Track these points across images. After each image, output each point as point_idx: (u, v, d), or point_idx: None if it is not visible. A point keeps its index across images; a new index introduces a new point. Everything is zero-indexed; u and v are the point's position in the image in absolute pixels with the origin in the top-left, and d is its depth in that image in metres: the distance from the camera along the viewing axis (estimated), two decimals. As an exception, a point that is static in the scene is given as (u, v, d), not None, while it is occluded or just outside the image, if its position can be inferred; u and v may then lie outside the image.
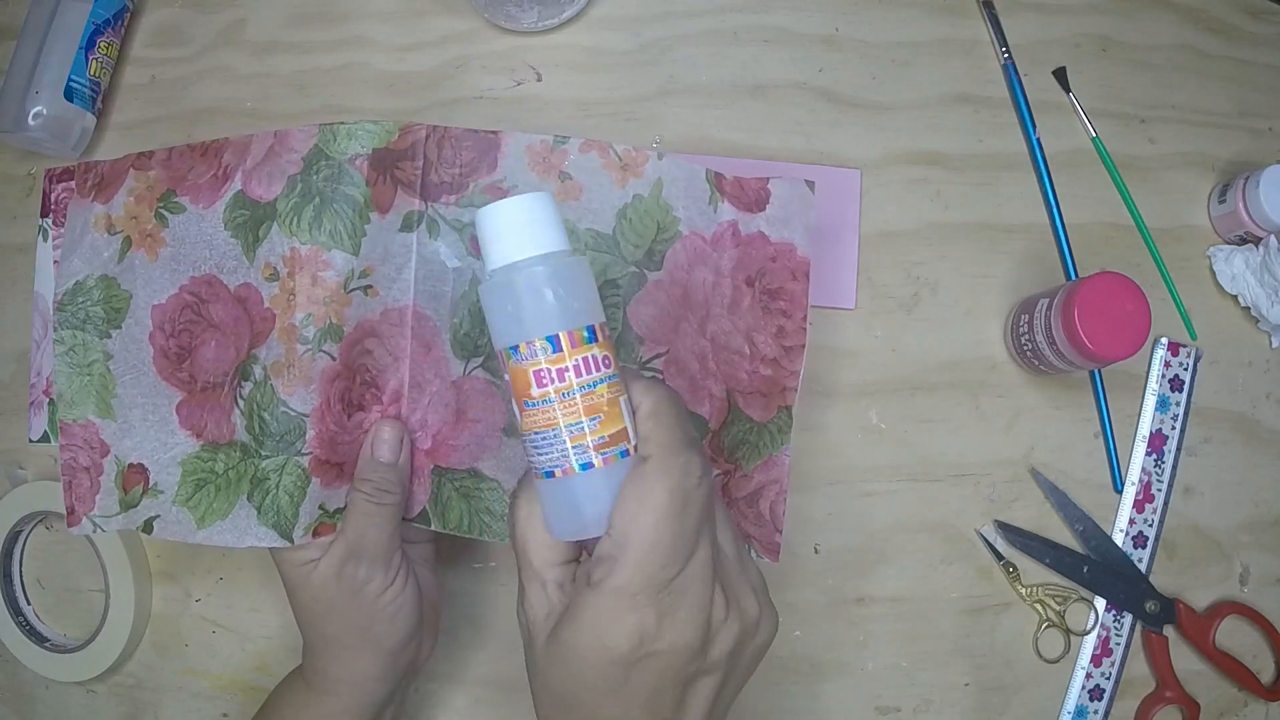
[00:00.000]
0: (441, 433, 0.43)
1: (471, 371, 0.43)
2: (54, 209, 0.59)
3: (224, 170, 0.43)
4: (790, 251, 0.45)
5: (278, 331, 0.41)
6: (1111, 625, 0.54)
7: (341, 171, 0.41)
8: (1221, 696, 0.54)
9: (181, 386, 0.44)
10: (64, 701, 0.55)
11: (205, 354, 0.43)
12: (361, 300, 0.41)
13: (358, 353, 0.42)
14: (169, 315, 0.44)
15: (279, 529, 0.41)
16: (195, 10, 0.62)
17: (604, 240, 0.43)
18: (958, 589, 0.54)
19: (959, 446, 0.55)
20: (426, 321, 0.43)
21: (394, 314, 0.42)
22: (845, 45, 0.60)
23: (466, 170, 0.42)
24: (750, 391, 0.45)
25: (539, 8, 0.57)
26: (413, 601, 0.41)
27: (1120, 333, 0.48)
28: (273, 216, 0.41)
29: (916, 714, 0.53)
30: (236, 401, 0.42)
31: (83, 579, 0.56)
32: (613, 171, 0.43)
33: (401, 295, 0.42)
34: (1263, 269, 0.55)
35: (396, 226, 0.42)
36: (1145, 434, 0.56)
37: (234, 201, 0.42)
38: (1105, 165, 0.59)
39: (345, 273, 0.41)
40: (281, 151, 0.42)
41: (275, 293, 0.41)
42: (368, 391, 0.42)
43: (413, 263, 0.42)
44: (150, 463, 0.44)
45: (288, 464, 0.41)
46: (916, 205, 0.58)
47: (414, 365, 0.43)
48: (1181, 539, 0.56)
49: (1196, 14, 0.61)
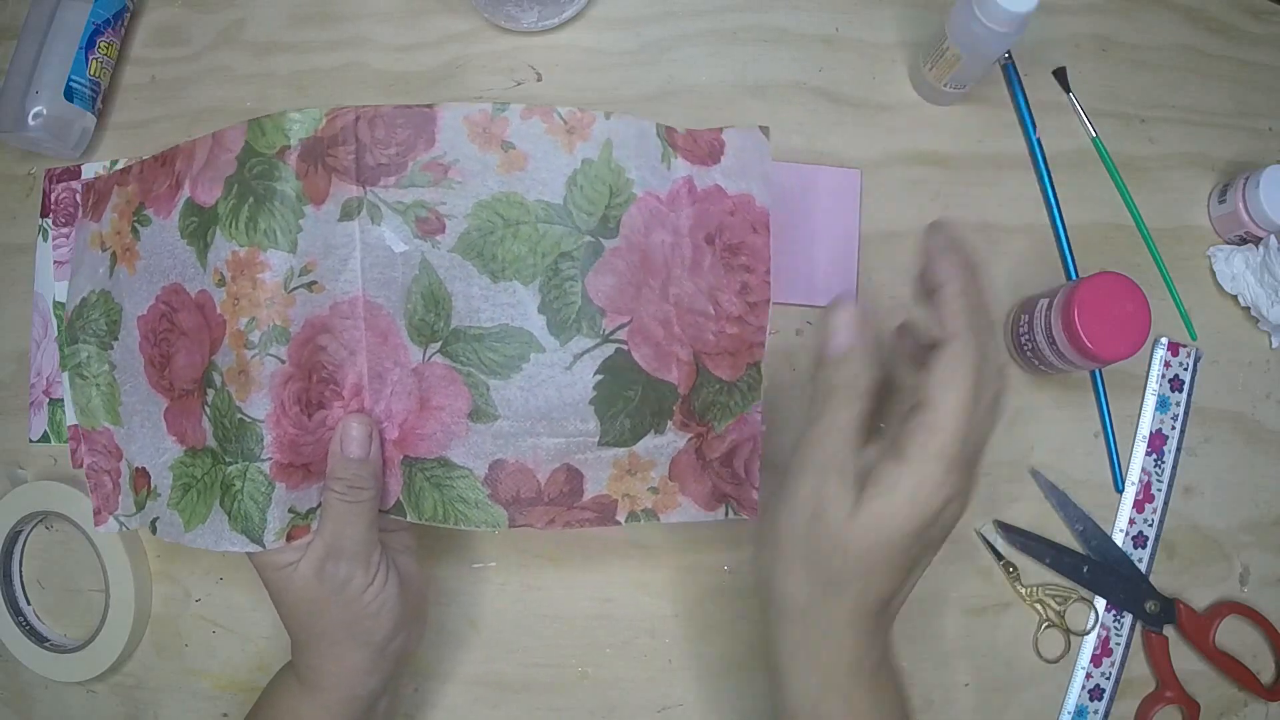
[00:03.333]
0: (408, 422, 0.42)
1: (431, 358, 0.42)
2: (54, 209, 0.59)
3: (176, 178, 0.43)
4: (749, 203, 0.44)
5: (228, 338, 0.40)
6: (1111, 625, 0.54)
7: (272, 167, 0.39)
8: (1221, 696, 0.54)
9: (165, 394, 0.44)
10: (64, 701, 0.55)
11: (179, 361, 0.43)
12: (306, 298, 0.40)
13: (310, 350, 0.41)
14: (150, 325, 0.44)
15: (249, 534, 0.40)
16: (195, 10, 0.62)
17: (555, 211, 0.40)
18: (958, 589, 0.54)
19: (959, 446, 0.55)
20: (379, 310, 0.41)
21: (344, 306, 0.41)
22: (845, 45, 0.60)
23: (403, 149, 0.40)
24: (718, 352, 0.44)
25: (539, 8, 0.57)
26: (395, 595, 0.41)
27: (1120, 333, 0.48)
28: (216, 221, 0.40)
29: (917, 714, 0.53)
30: (204, 408, 0.42)
31: (83, 579, 0.56)
32: (558, 136, 0.40)
33: (349, 286, 0.41)
34: (1263, 269, 0.55)
35: (335, 216, 0.40)
36: (1145, 434, 0.56)
37: (185, 209, 0.42)
38: (1105, 165, 0.59)
39: (284, 272, 0.40)
40: (219, 153, 0.41)
41: (224, 298, 0.40)
42: (326, 389, 0.42)
43: (357, 252, 0.41)
44: (150, 466, 0.45)
45: (249, 470, 0.40)
46: (916, 205, 0.58)
47: (371, 355, 0.42)
48: (1181, 539, 0.56)
49: (1197, 14, 0.61)
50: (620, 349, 0.42)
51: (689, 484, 0.45)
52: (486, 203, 0.40)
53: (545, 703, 0.53)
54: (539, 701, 0.53)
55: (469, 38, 0.60)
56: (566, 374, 0.41)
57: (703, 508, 0.45)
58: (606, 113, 0.41)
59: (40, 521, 0.57)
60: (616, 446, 0.43)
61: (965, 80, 0.55)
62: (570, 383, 0.41)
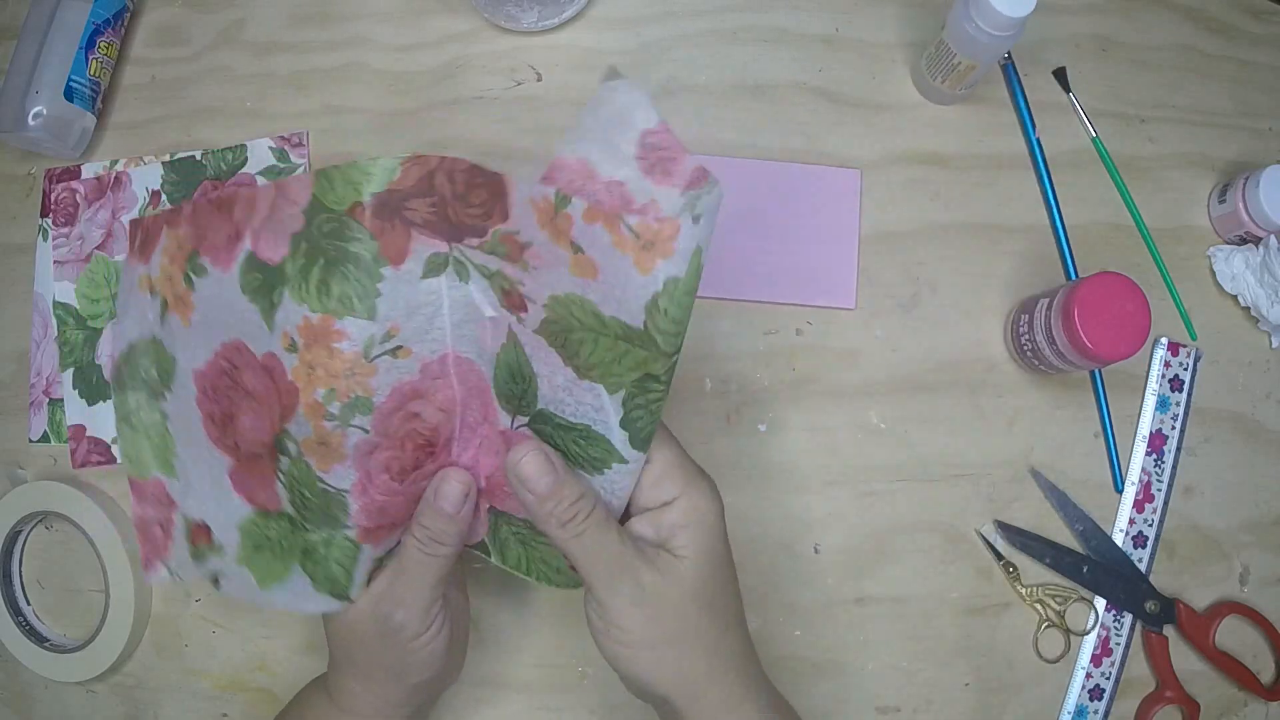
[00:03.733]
0: (495, 477, 0.40)
1: (519, 427, 0.39)
2: (54, 209, 0.59)
3: (236, 228, 0.38)
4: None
5: (303, 407, 0.37)
6: (1111, 625, 0.54)
7: (344, 225, 0.35)
8: (1221, 696, 0.54)
9: (229, 453, 0.41)
10: (64, 701, 0.55)
11: (244, 422, 0.40)
12: (391, 364, 0.37)
13: (400, 419, 0.38)
14: (210, 381, 0.41)
15: (335, 594, 0.39)
16: (195, 10, 0.62)
17: (634, 333, 0.34)
18: (958, 589, 0.54)
19: (959, 446, 0.55)
20: (471, 367, 0.38)
21: (433, 366, 0.38)
22: (845, 45, 0.60)
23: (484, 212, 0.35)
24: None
25: (539, 8, 0.57)
26: (445, 644, 0.40)
27: (1120, 333, 0.48)
28: (284, 281, 0.36)
29: (916, 714, 0.53)
30: (278, 475, 0.40)
31: (83, 579, 0.56)
32: (629, 252, 0.32)
33: (437, 345, 0.37)
34: (1263, 269, 0.55)
35: (418, 275, 0.36)
36: (1145, 434, 0.56)
37: (247, 263, 0.38)
38: (1105, 165, 0.59)
39: (364, 340, 0.36)
40: (283, 205, 0.37)
41: (296, 364, 0.37)
42: (422, 453, 0.39)
43: (445, 308, 0.37)
44: (212, 522, 0.43)
45: (334, 538, 0.39)
46: (916, 205, 0.58)
47: (464, 408, 0.39)
48: (1181, 539, 0.56)
49: (1197, 14, 0.61)
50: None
51: None
52: (562, 299, 0.35)
53: (545, 703, 0.53)
54: (539, 701, 0.53)
55: (469, 38, 0.60)
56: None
57: None
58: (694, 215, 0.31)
59: (40, 521, 0.57)
60: None
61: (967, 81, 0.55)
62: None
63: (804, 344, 0.56)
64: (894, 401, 0.56)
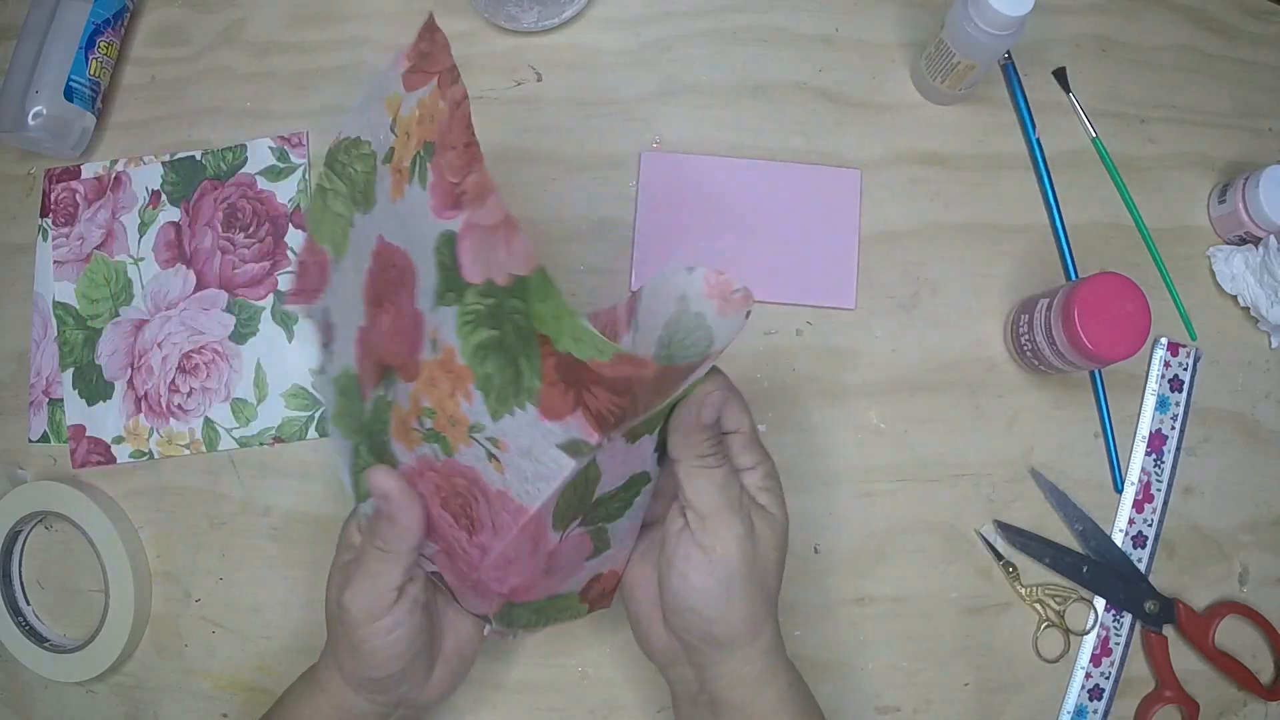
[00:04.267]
0: (524, 584, 0.41)
1: (570, 534, 0.40)
2: (54, 209, 0.59)
3: (459, 195, 0.35)
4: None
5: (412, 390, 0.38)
6: (1111, 625, 0.54)
7: (528, 339, 0.34)
8: (1221, 696, 0.54)
9: (369, 318, 0.41)
10: (64, 701, 0.55)
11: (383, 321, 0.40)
12: (483, 458, 0.37)
13: (461, 489, 0.39)
14: (387, 257, 0.39)
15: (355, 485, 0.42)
16: (195, 10, 0.62)
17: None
18: (958, 589, 0.54)
19: (959, 446, 0.55)
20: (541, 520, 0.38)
21: (512, 505, 0.38)
22: (845, 45, 0.60)
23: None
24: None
25: (539, 8, 0.57)
26: (399, 649, 0.40)
27: (1120, 333, 0.48)
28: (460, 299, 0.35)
29: (916, 714, 0.53)
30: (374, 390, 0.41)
31: (83, 579, 0.56)
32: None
33: (530, 500, 0.37)
34: (1262, 269, 0.55)
35: (556, 440, 0.35)
36: (1145, 434, 0.56)
37: (446, 239, 0.35)
38: (1105, 165, 0.59)
39: (476, 422, 0.36)
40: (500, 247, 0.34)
41: (429, 359, 0.37)
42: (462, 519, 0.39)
43: (557, 485, 0.36)
44: (337, 333, 0.42)
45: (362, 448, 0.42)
46: (916, 205, 0.58)
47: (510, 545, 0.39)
48: (1181, 539, 0.56)
49: (1197, 14, 0.61)
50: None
51: None
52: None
53: (545, 703, 0.53)
54: (539, 701, 0.53)
55: (469, 38, 0.60)
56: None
57: None
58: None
59: (40, 521, 0.57)
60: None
61: (967, 81, 0.55)
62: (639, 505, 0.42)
63: (804, 344, 0.56)
64: (894, 401, 0.56)
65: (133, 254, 0.58)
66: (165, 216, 0.59)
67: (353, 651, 0.40)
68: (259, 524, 0.55)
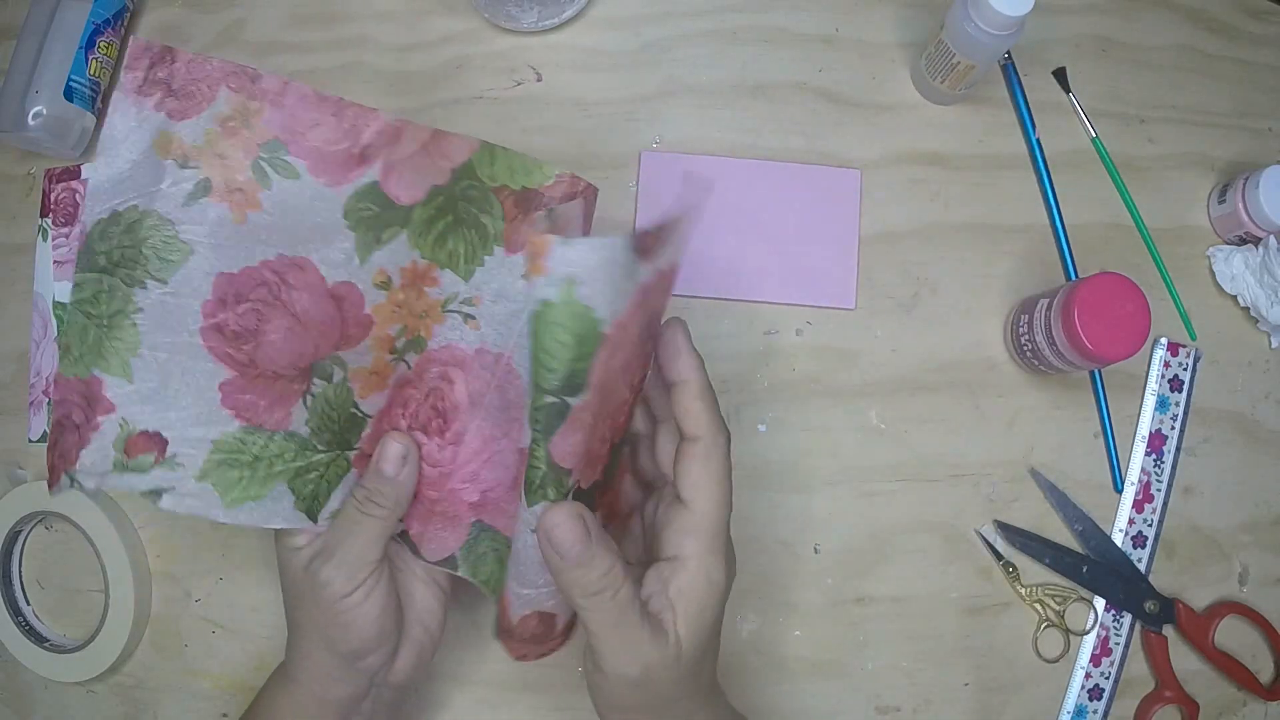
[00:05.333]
0: (494, 492, 0.41)
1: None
2: (54, 209, 0.59)
3: (362, 150, 0.37)
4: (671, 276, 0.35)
5: (372, 339, 0.39)
6: (1111, 625, 0.54)
7: (486, 198, 0.38)
8: (1220, 696, 0.54)
9: (233, 365, 0.38)
10: (64, 701, 0.55)
11: (274, 341, 0.38)
12: (458, 324, 0.39)
13: (436, 374, 0.40)
14: (235, 289, 0.37)
15: (309, 513, 0.40)
16: (195, 10, 0.62)
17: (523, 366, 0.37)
18: (958, 589, 0.54)
19: (959, 446, 0.56)
20: (515, 381, 0.39)
21: (488, 356, 0.39)
22: (845, 45, 0.60)
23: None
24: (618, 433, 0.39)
25: (539, 8, 0.57)
26: (372, 616, 0.40)
27: (1120, 333, 0.48)
28: (405, 224, 0.38)
29: (916, 714, 0.53)
30: (305, 397, 0.39)
31: (83, 579, 0.56)
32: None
33: (502, 342, 0.39)
34: (1262, 269, 0.55)
35: (521, 271, 0.38)
36: (1145, 434, 0.56)
37: (364, 191, 0.37)
38: (1105, 165, 0.59)
39: (449, 293, 0.39)
40: (435, 156, 0.38)
41: (381, 302, 0.38)
42: (434, 419, 0.40)
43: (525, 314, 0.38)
44: (173, 435, 0.38)
45: (337, 459, 0.40)
46: (916, 205, 0.58)
47: (487, 416, 0.40)
48: (1181, 539, 0.56)
49: (1197, 14, 0.61)
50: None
51: None
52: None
53: (545, 703, 0.53)
54: (539, 701, 0.53)
55: (469, 38, 0.60)
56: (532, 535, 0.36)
57: None
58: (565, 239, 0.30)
59: (40, 521, 0.57)
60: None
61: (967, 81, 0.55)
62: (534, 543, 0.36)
63: (804, 344, 0.56)
64: (894, 401, 0.56)
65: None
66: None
67: (332, 625, 0.40)
68: (259, 524, 0.55)
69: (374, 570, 0.40)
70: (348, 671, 0.41)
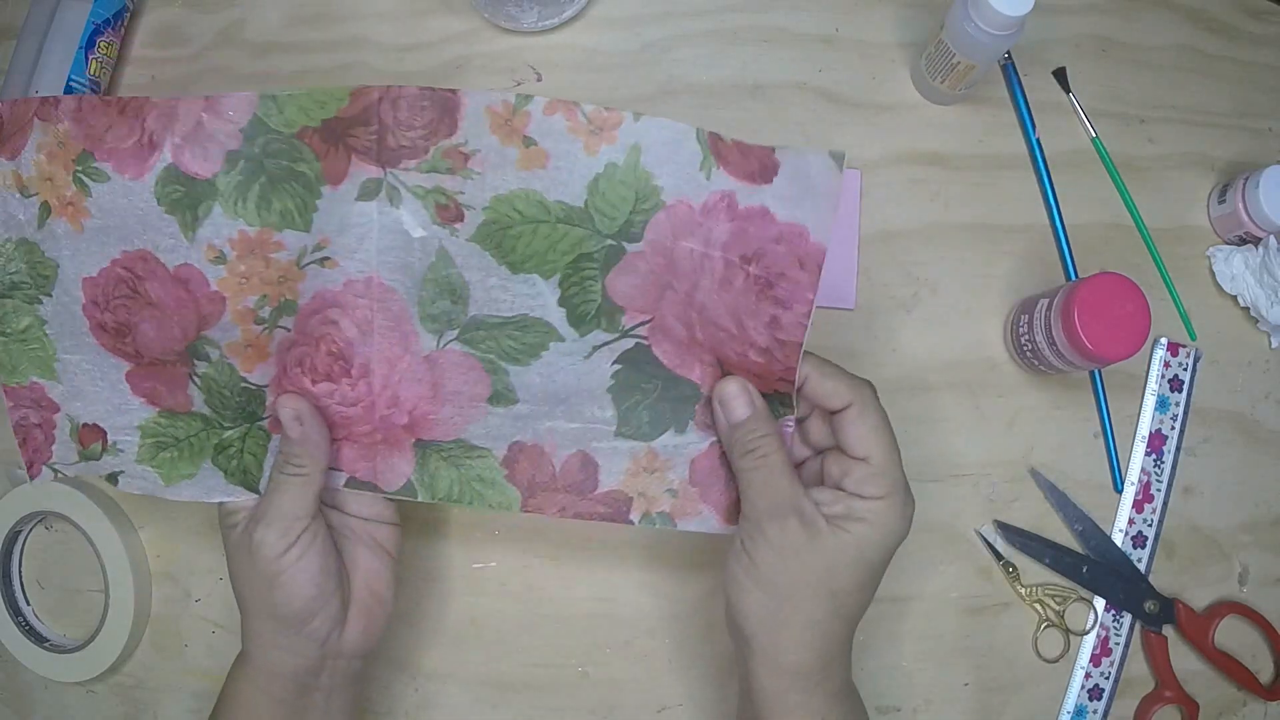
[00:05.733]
0: (419, 408, 0.42)
1: (446, 345, 0.41)
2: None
3: (149, 138, 0.39)
4: (800, 235, 0.39)
5: (231, 314, 0.40)
6: (1111, 625, 0.54)
7: (292, 147, 0.38)
8: (1220, 696, 0.54)
9: (127, 358, 0.43)
10: (63, 701, 0.55)
11: (146, 331, 0.41)
12: (318, 272, 0.40)
13: (318, 322, 0.41)
14: (101, 289, 0.41)
15: (247, 485, 0.42)
16: (195, 10, 0.62)
17: (575, 213, 0.39)
18: (958, 589, 0.54)
19: (958, 446, 0.55)
20: (392, 294, 0.41)
21: (358, 285, 0.40)
22: (845, 45, 0.60)
23: (426, 132, 0.38)
24: (740, 369, 0.42)
25: (539, 8, 0.57)
26: (311, 573, 0.40)
27: (1120, 333, 0.48)
28: (213, 196, 0.38)
29: (916, 714, 0.53)
30: (192, 379, 0.42)
31: (82, 579, 0.56)
32: (581, 136, 0.38)
33: (364, 266, 0.40)
34: (1262, 269, 0.55)
35: (353, 195, 0.39)
36: (1145, 434, 0.56)
37: (165, 175, 0.39)
38: (1105, 165, 0.59)
39: (298, 250, 0.39)
40: (215, 122, 0.38)
41: (224, 275, 0.39)
42: (335, 364, 0.41)
43: (374, 233, 0.39)
44: (106, 424, 0.44)
45: (250, 431, 0.42)
46: (916, 205, 0.58)
47: (381, 339, 0.41)
48: (1181, 539, 0.56)
49: (1197, 14, 0.61)
50: (640, 343, 0.41)
51: (711, 491, 0.43)
52: (505, 197, 0.39)
53: (545, 703, 0.53)
54: (539, 701, 0.53)
55: (469, 38, 0.60)
56: (585, 362, 0.41)
57: (723, 520, 0.43)
58: (636, 114, 0.38)
59: (40, 521, 0.57)
60: (634, 439, 0.43)
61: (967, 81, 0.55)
62: (588, 370, 0.41)
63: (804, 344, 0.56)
64: (894, 401, 0.55)
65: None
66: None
67: (269, 588, 0.40)
68: (259, 524, 0.55)
69: (307, 527, 0.41)
70: (294, 639, 0.41)
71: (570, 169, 0.38)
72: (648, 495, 0.43)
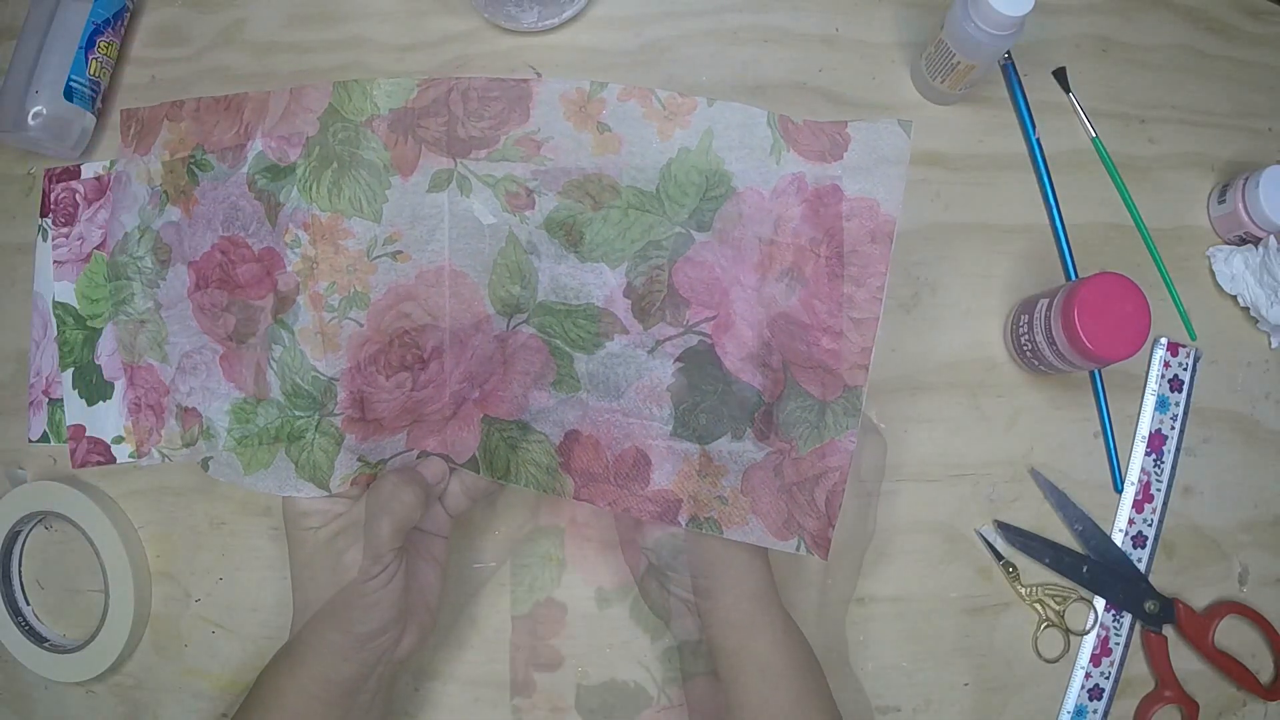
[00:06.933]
0: (489, 382, 0.43)
1: (515, 327, 0.43)
2: (54, 209, 0.59)
3: (245, 128, 0.42)
4: (870, 208, 0.39)
5: (304, 298, 0.41)
6: (1111, 625, 0.54)
7: (359, 134, 0.40)
8: (1220, 696, 0.54)
9: (220, 341, 0.45)
10: (63, 701, 0.55)
11: (235, 313, 0.44)
12: (390, 266, 0.41)
13: (393, 317, 0.42)
14: (203, 272, 0.44)
15: (316, 481, 0.42)
16: (195, 10, 0.62)
17: (646, 198, 0.40)
18: (958, 589, 0.54)
19: (958, 446, 0.56)
20: (464, 279, 0.42)
21: (430, 274, 0.42)
22: (845, 45, 0.60)
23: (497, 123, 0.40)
24: (810, 366, 0.41)
25: (539, 8, 0.57)
26: (394, 597, 0.41)
27: (1120, 333, 0.48)
28: (292, 180, 0.41)
29: (916, 714, 0.53)
30: (270, 363, 0.43)
31: (82, 579, 0.56)
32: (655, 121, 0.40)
33: (436, 256, 0.42)
34: (1262, 269, 0.55)
35: (424, 188, 0.41)
36: (1145, 434, 0.56)
37: (256, 162, 0.42)
38: (1105, 165, 0.59)
39: (367, 240, 0.40)
40: (297, 111, 0.41)
41: (298, 260, 0.41)
42: (409, 352, 0.42)
43: (445, 223, 0.41)
44: (202, 408, 0.45)
45: (320, 423, 0.42)
46: (916, 205, 0.58)
47: (454, 321, 0.42)
48: (1181, 539, 0.56)
49: (1196, 14, 0.61)
50: (703, 340, 0.42)
51: (762, 502, 0.42)
52: (578, 183, 0.40)
53: (545, 703, 0.53)
54: (539, 701, 0.53)
55: (469, 38, 0.60)
56: (648, 357, 0.42)
57: (773, 533, 0.42)
58: (710, 99, 0.39)
59: (40, 521, 0.57)
60: (689, 441, 0.42)
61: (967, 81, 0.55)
62: (651, 366, 0.42)
63: (804, 344, 0.56)
64: (894, 401, 0.56)
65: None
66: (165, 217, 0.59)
67: (354, 607, 0.41)
68: (259, 524, 0.55)
69: (399, 555, 0.41)
70: (359, 651, 0.41)
71: (643, 153, 0.39)
72: (698, 499, 0.42)
